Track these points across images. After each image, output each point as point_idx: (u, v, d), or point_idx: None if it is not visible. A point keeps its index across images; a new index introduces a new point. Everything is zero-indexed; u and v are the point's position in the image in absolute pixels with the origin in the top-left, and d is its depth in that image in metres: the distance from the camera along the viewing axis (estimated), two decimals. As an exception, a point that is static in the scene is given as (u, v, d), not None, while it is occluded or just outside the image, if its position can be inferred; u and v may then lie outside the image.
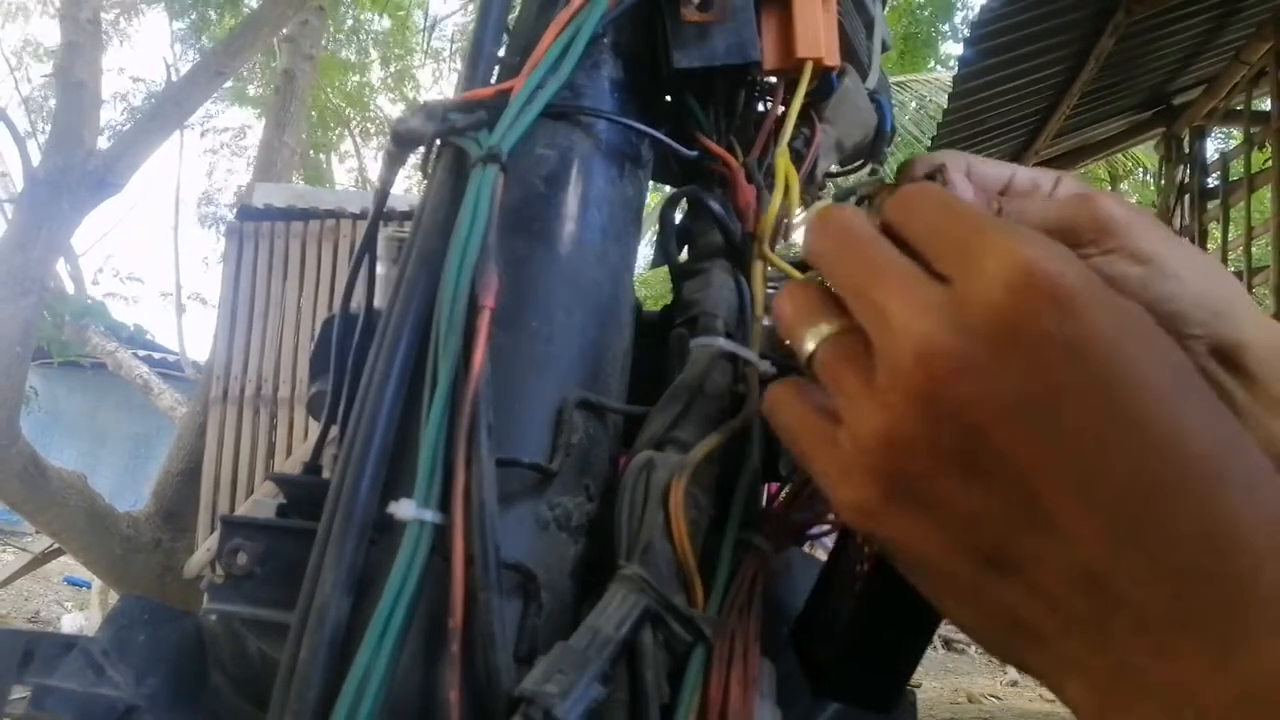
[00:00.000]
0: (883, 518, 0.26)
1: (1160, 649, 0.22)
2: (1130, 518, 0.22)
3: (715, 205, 0.39)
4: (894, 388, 0.24)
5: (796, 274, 0.39)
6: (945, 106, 3.63)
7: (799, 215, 0.40)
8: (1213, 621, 0.22)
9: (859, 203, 0.40)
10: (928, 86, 6.71)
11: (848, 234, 0.27)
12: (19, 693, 0.32)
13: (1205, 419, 0.23)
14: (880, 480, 0.25)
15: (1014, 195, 0.38)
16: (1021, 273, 0.23)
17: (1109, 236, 0.35)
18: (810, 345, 0.28)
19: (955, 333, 0.24)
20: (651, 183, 0.43)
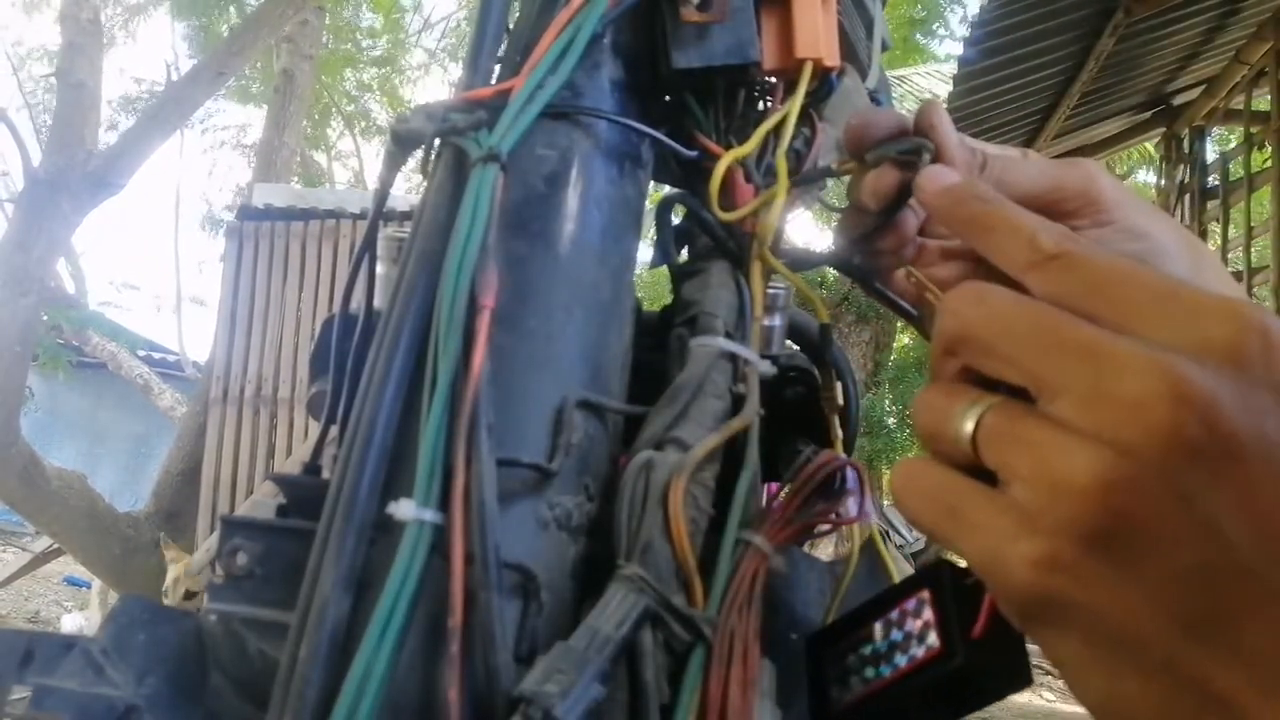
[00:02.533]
0: (1076, 573, 0.23)
1: None
2: None
3: (704, 211, 0.39)
4: (1120, 424, 0.22)
5: (795, 277, 0.39)
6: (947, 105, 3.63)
7: (792, 214, 0.40)
8: None
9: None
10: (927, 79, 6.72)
11: (1011, 299, 0.25)
12: (19, 693, 0.32)
13: None
14: (1083, 528, 0.22)
15: (992, 161, 0.36)
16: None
17: (1099, 208, 0.34)
18: (970, 423, 0.25)
19: (1206, 373, 0.22)
20: (652, 183, 0.43)
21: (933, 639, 0.31)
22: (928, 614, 0.31)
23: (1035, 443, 0.23)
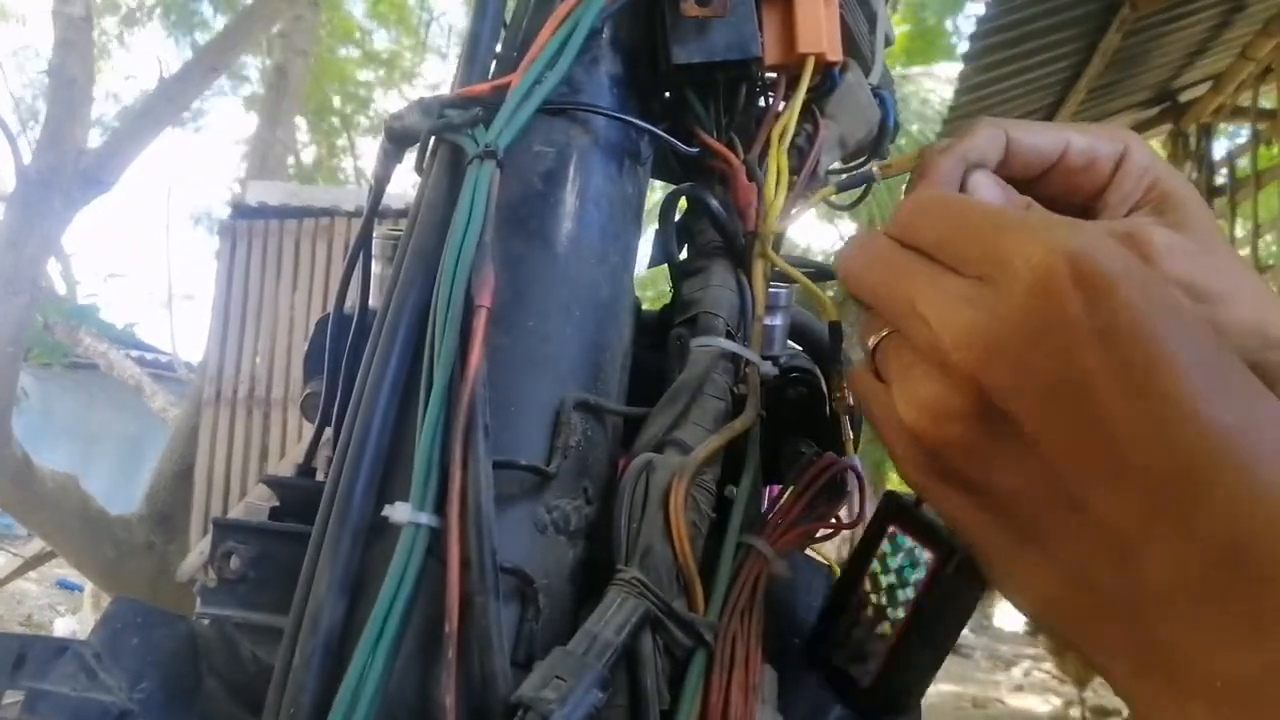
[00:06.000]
0: (932, 493, 0.28)
1: (1191, 624, 0.23)
2: (1159, 496, 0.23)
3: (714, 203, 0.38)
4: (933, 374, 0.26)
5: (798, 274, 0.39)
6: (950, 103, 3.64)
7: (796, 211, 0.40)
8: (1242, 595, 0.22)
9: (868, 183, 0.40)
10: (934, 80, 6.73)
11: (873, 249, 0.29)
12: (12, 697, 0.32)
13: (1239, 397, 0.23)
14: (926, 457, 0.27)
15: (1067, 173, 0.34)
16: (1049, 263, 0.24)
17: (1166, 262, 0.33)
18: (872, 341, 0.29)
19: (990, 321, 0.24)
20: (651, 180, 0.42)
21: (925, 555, 0.32)
22: (907, 542, 0.33)
23: (897, 379, 0.28)
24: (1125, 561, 0.24)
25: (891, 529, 0.33)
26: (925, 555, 0.32)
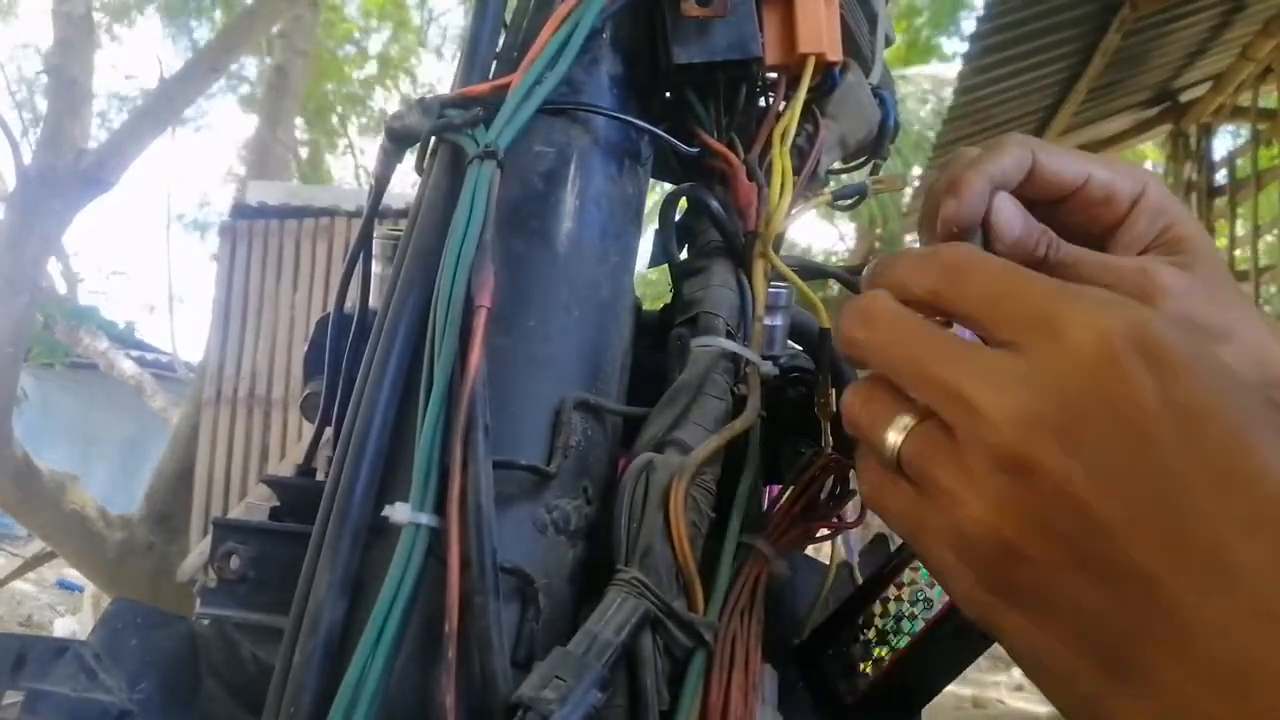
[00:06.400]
0: (995, 616, 0.24)
1: None
2: (1266, 601, 0.20)
3: (714, 204, 0.38)
4: (992, 471, 0.23)
5: (795, 277, 0.39)
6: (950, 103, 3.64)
7: (796, 212, 0.40)
8: None
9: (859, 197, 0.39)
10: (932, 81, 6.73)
11: (891, 320, 0.26)
12: (12, 697, 0.32)
13: None
14: (990, 574, 0.23)
15: (1085, 204, 0.34)
16: (1112, 334, 0.22)
17: (1173, 302, 0.33)
18: (895, 439, 0.26)
19: (1048, 400, 0.22)
20: (651, 180, 0.42)
21: (941, 598, 0.32)
22: (928, 578, 0.33)
23: (943, 486, 0.24)
24: (1240, 686, 0.20)
25: (917, 561, 0.33)
26: (942, 598, 0.32)
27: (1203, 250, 0.34)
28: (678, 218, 0.41)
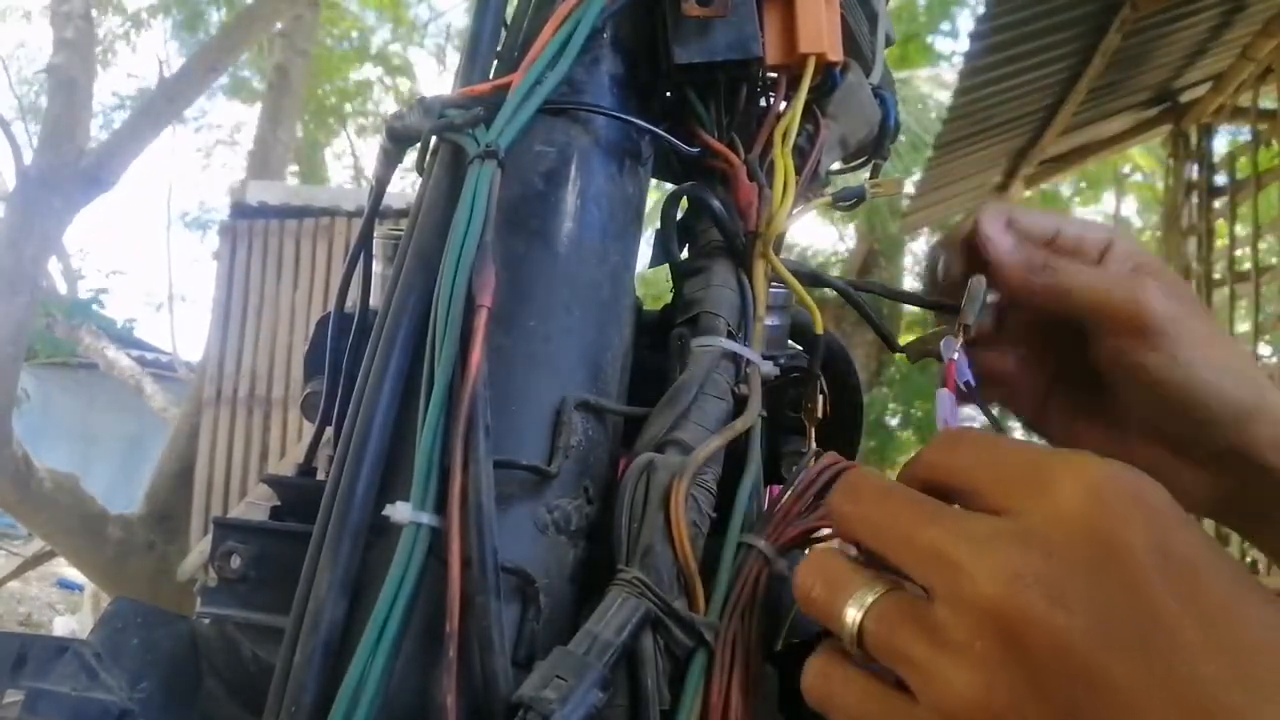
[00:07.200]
0: None
1: None
2: None
3: (715, 203, 0.38)
4: (978, 634, 0.21)
5: (793, 280, 0.39)
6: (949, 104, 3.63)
7: (797, 212, 0.40)
8: None
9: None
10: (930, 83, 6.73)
11: (875, 491, 0.26)
12: (12, 697, 0.32)
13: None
14: None
15: (1058, 251, 0.38)
16: (1100, 486, 0.21)
17: (1147, 335, 0.35)
18: (853, 616, 0.24)
19: (1034, 551, 0.21)
20: (652, 180, 0.42)
21: None
22: None
23: (917, 662, 0.22)
24: None
25: None
26: None
27: (1171, 278, 0.37)
28: (678, 217, 0.41)
